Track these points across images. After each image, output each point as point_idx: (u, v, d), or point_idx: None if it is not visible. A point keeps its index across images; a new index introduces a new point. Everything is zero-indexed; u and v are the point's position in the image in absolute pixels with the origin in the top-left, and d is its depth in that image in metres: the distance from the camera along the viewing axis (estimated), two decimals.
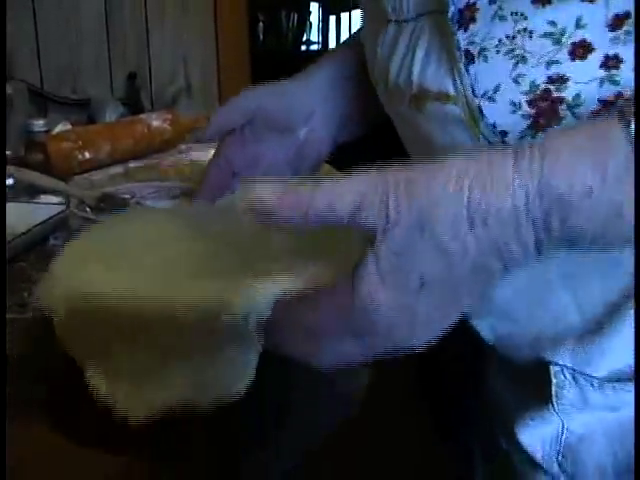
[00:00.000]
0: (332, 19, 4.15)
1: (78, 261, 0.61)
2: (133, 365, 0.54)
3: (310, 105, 0.80)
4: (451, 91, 0.57)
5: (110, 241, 0.66)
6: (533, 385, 0.66)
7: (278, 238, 0.59)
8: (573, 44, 0.53)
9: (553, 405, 0.65)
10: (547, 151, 0.43)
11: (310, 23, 4.77)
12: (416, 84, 0.60)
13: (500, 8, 0.54)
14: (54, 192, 1.07)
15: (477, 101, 0.56)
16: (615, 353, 0.62)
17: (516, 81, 0.54)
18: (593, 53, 0.52)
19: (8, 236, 1.01)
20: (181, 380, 0.53)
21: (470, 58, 0.56)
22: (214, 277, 0.53)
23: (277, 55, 3.77)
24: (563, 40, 0.53)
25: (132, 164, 1.35)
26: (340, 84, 0.81)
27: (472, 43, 0.56)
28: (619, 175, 0.42)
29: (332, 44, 4.16)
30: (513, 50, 0.54)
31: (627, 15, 0.51)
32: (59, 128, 1.58)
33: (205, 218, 0.72)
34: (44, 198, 1.18)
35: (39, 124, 1.39)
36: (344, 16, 4.08)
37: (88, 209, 1.00)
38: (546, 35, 0.53)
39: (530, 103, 0.54)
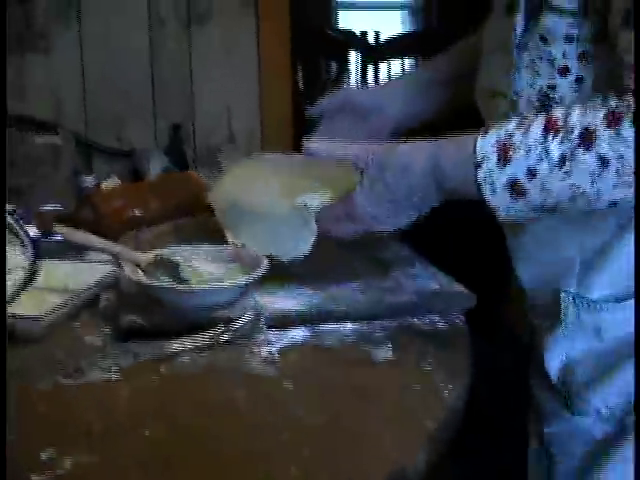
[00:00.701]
0: (370, 68, 4.18)
1: (228, 184, 1.14)
2: (252, 231, 1.06)
3: (382, 105, 1.23)
4: (504, 91, 0.97)
5: (241, 174, 1.14)
6: (553, 320, 1.02)
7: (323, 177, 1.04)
8: (559, 67, 0.91)
9: (562, 324, 1.01)
10: (437, 147, 0.90)
11: (349, 72, 4.81)
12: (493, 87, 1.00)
13: (526, 44, 0.93)
14: (107, 254, 1.08)
15: (514, 97, 0.95)
16: (602, 283, 0.98)
17: (531, 86, 0.93)
18: (569, 74, 0.90)
19: (60, 295, 1.02)
20: (269, 242, 1.04)
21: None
22: (297, 192, 1.01)
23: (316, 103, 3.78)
24: (555, 65, 0.91)
25: (181, 221, 1.36)
26: (412, 93, 1.26)
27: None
28: (459, 165, 0.87)
29: None
30: (533, 68, 0.93)
31: (587, 52, 0.88)
32: (107, 183, 1.60)
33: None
34: (93, 254, 1.19)
35: (89, 180, 1.41)
36: (382, 65, 4.09)
37: (141, 272, 1.01)
38: (548, 61, 0.91)
39: (537, 100, 0.93)
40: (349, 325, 0.98)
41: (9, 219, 0.92)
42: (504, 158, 0.83)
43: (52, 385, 0.84)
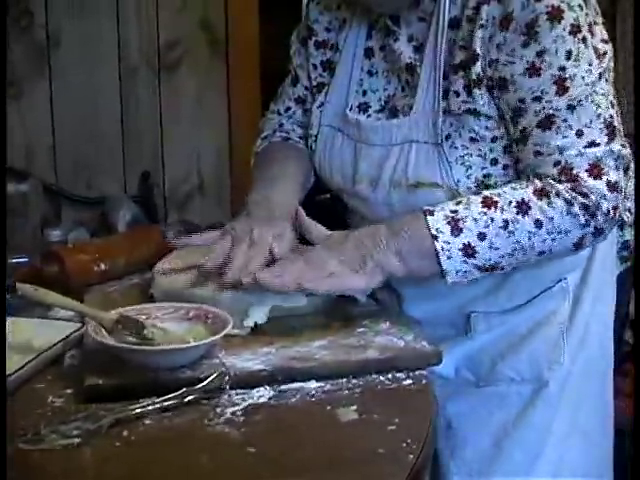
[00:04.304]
0: None
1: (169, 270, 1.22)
2: None
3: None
4: (439, 182, 1.15)
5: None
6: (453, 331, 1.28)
7: None
8: (490, 159, 1.15)
9: (470, 334, 1.26)
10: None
11: None
12: (414, 177, 1.17)
13: (454, 142, 1.14)
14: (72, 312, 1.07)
15: (454, 187, 1.14)
16: (507, 297, 1.23)
17: (467, 177, 1.14)
18: (499, 164, 1.15)
19: (25, 353, 1.01)
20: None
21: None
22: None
23: None
24: (486, 158, 1.14)
25: (148, 274, 1.36)
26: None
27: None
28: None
29: None
30: (464, 162, 1.14)
31: (510, 146, 1.15)
32: (74, 235, 1.59)
33: None
34: (59, 310, 1.18)
35: (56, 234, 1.40)
36: None
37: (105, 332, 1.00)
38: (479, 156, 1.15)
39: (475, 187, 1.14)
40: (314, 384, 0.98)
41: None
42: (456, 228, 1.06)
43: (12, 450, 0.83)
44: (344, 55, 1.29)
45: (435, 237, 1.05)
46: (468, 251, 1.05)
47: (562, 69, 1.07)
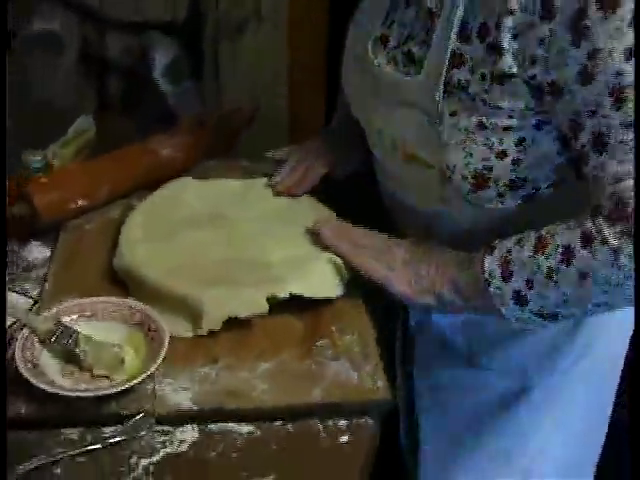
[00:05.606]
0: None
1: (134, 240, 1.14)
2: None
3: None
4: (430, 162, 1.02)
5: (159, 221, 1.19)
6: None
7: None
8: (498, 151, 0.95)
9: None
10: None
11: None
12: (410, 148, 1.04)
13: (457, 123, 0.96)
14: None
15: (447, 173, 0.99)
16: None
17: (465, 165, 0.97)
18: (507, 158, 0.95)
19: None
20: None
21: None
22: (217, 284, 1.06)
23: None
24: (493, 148, 0.95)
25: (133, 201, 1.28)
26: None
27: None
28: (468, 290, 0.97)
29: None
30: (464, 148, 0.96)
31: (526, 138, 0.94)
32: (78, 124, 1.47)
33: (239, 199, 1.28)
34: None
35: (36, 159, 1.27)
36: None
37: (37, 343, 0.94)
38: (484, 145, 0.95)
39: (473, 177, 0.98)
40: (245, 427, 0.91)
41: None
42: (506, 272, 0.92)
43: None
44: None
45: (488, 282, 0.93)
46: (520, 299, 0.91)
47: (619, 74, 0.82)
